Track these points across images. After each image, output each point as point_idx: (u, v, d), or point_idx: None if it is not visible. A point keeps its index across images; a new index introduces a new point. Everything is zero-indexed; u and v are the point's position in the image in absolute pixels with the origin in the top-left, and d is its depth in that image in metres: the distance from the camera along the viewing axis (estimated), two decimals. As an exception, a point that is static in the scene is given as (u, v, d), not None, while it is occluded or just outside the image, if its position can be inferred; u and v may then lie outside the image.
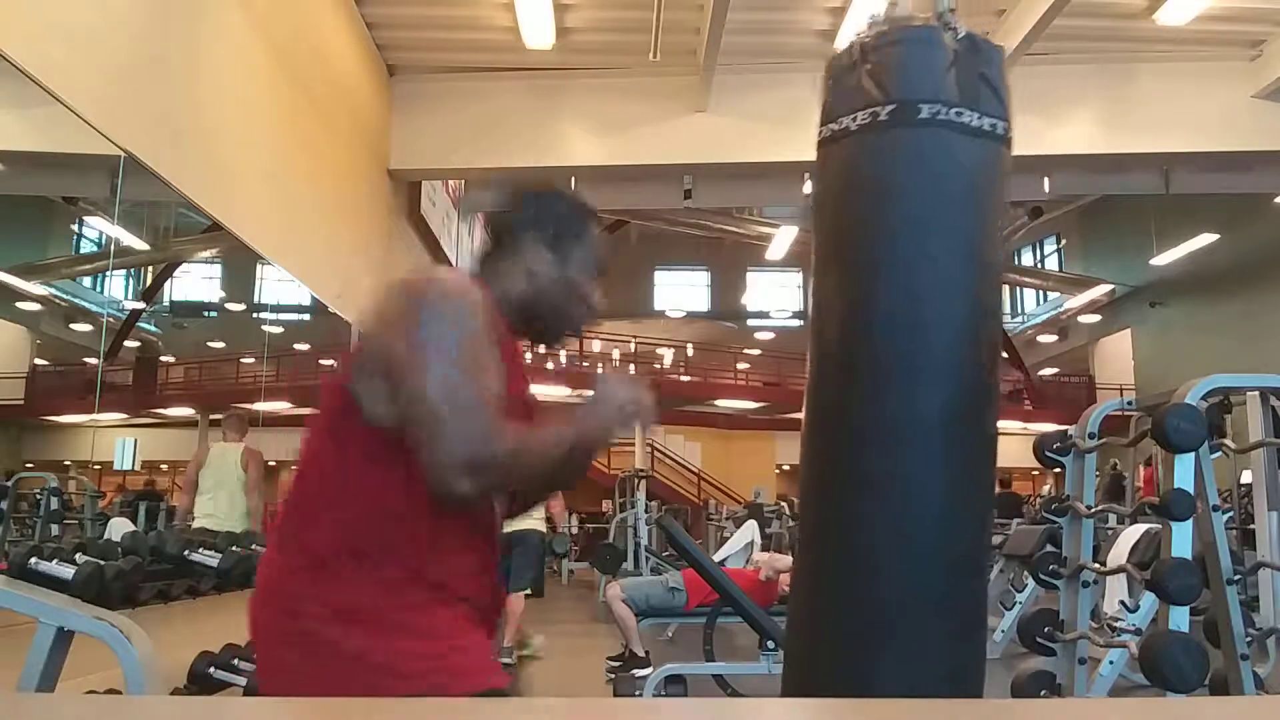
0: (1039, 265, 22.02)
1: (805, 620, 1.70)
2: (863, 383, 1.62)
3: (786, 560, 4.92)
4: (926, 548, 1.57)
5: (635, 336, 20.27)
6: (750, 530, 7.05)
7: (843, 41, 6.15)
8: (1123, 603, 3.69)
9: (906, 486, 1.57)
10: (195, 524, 4.07)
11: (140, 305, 6.02)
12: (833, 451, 1.69)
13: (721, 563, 5.63)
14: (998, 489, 14.33)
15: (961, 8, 1.71)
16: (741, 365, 21.62)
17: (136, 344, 6.15)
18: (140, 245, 4.92)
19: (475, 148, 7.01)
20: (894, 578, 1.56)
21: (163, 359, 7.20)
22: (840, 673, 1.58)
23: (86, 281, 5.34)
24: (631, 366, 19.75)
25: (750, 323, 23.20)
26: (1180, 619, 2.80)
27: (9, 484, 4.07)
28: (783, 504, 10.04)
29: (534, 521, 5.32)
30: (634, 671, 4.45)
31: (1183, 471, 2.93)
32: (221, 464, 4.46)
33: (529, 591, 5.38)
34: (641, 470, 11.32)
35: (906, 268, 1.63)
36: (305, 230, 5.33)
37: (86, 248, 5.22)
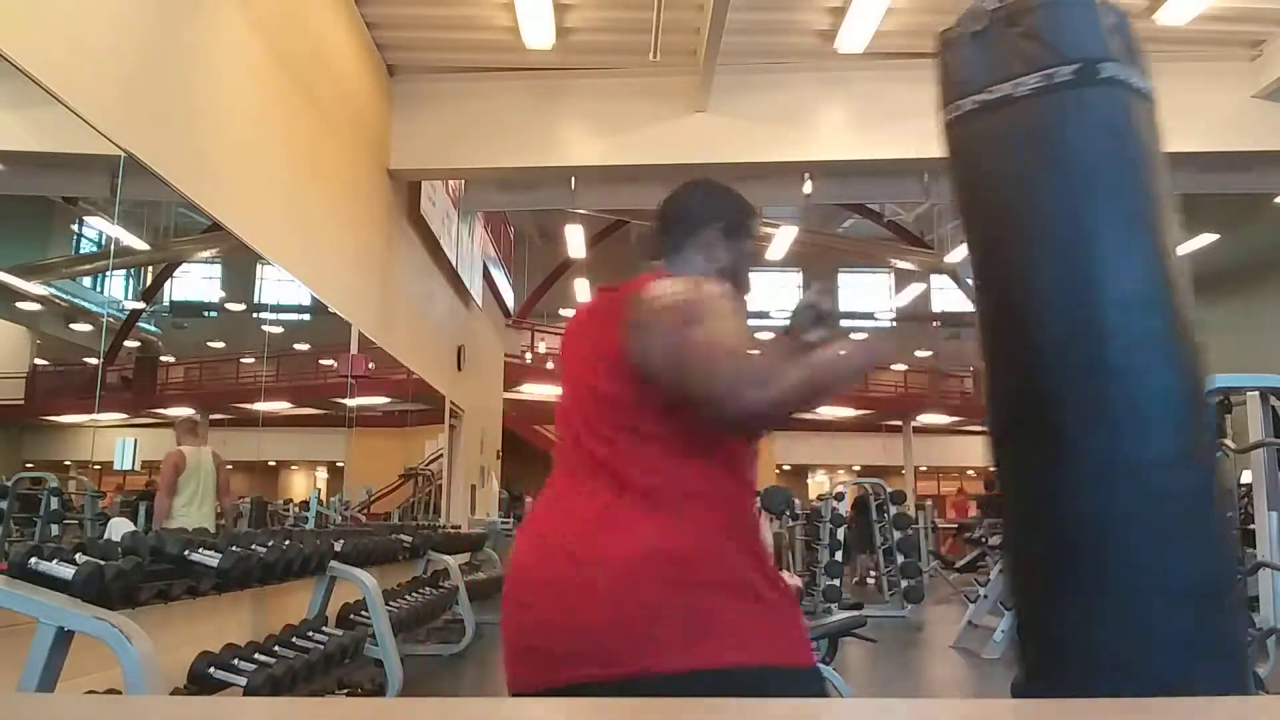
0: (1039, 265, 22.00)
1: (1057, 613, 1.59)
2: (1100, 362, 1.51)
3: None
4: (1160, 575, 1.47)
5: (635, 336, 20.18)
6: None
7: (842, 42, 6.17)
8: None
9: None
10: (173, 526, 4.12)
11: (140, 305, 6.01)
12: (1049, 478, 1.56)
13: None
14: (986, 491, 14.33)
15: (961, 8, 1.69)
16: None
17: (136, 344, 6.15)
18: (140, 245, 4.91)
19: (475, 148, 7.02)
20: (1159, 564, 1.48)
21: (163, 359, 7.20)
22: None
23: (86, 281, 5.33)
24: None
25: (750, 323, 23.13)
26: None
27: (9, 484, 4.08)
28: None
29: None
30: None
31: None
32: (198, 469, 4.54)
33: None
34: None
35: (1104, 236, 1.54)
36: (305, 230, 5.33)
37: (86, 248, 5.21)
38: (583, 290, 19.06)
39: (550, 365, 18.84)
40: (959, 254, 16.19)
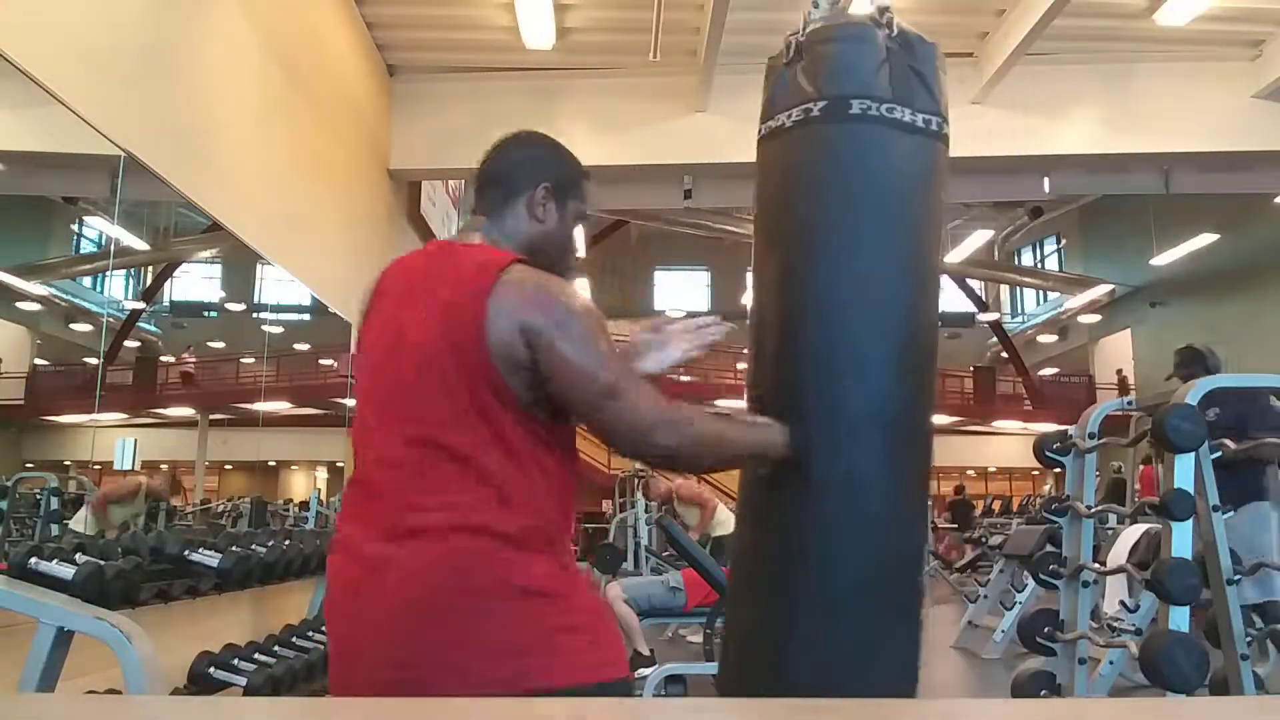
0: (1039, 265, 22.04)
1: (751, 609, 1.69)
2: (800, 377, 1.62)
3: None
4: (875, 543, 1.58)
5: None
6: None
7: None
8: (1123, 603, 3.70)
9: (851, 484, 1.57)
10: None
11: (140, 305, 6.02)
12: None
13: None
14: (955, 495, 14.35)
15: (961, 8, 1.71)
16: (741, 365, 21.60)
17: (136, 344, 6.15)
18: (140, 245, 4.91)
19: (475, 148, 6.88)
20: (845, 570, 1.57)
21: (163, 359, 7.20)
22: (786, 661, 1.59)
23: (86, 281, 5.34)
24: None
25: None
26: (1180, 619, 2.80)
27: (9, 484, 4.09)
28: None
29: None
30: (639, 671, 4.45)
31: (1183, 471, 2.93)
32: (129, 501, 4.49)
33: None
34: (641, 471, 11.32)
35: (838, 261, 1.64)
36: (305, 230, 5.33)
37: (86, 248, 5.22)
38: (583, 290, 19.07)
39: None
40: (959, 254, 16.21)
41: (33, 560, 2.29)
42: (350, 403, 7.01)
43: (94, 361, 4.40)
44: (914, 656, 1.60)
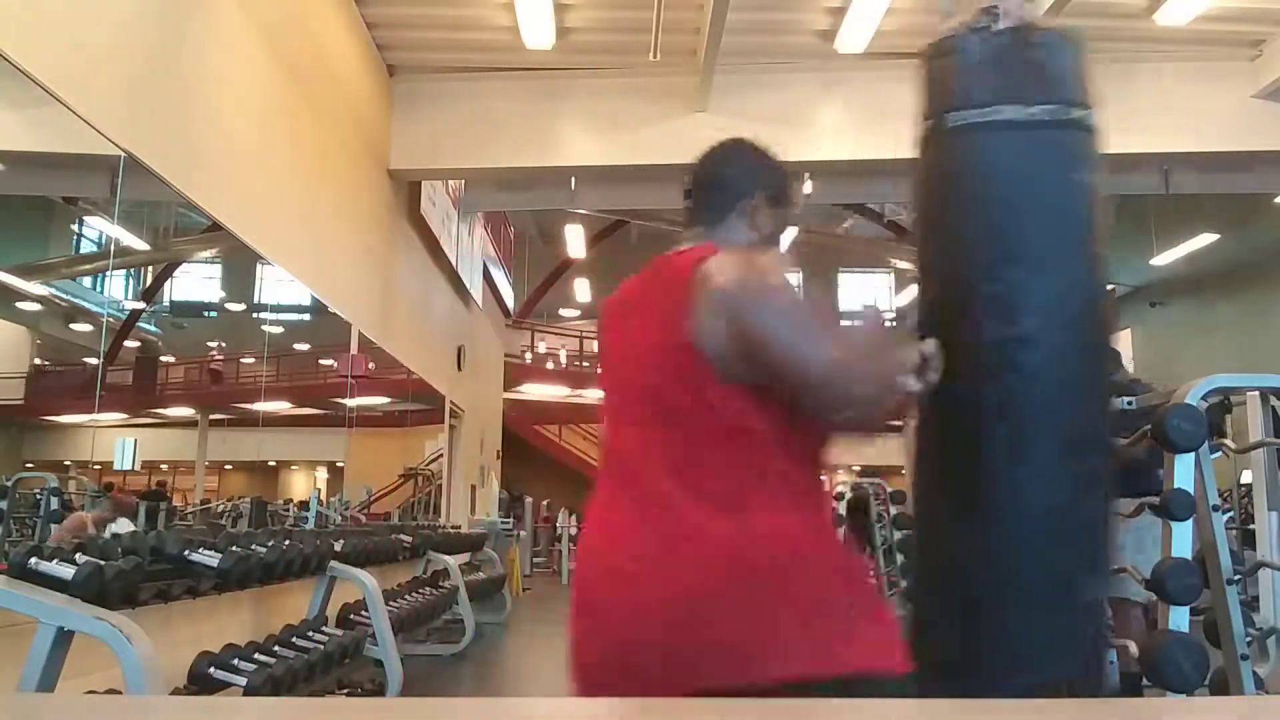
0: (1039, 265, 22.03)
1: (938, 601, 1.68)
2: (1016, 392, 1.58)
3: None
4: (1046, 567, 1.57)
5: (635, 336, 20.18)
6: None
7: (842, 42, 6.17)
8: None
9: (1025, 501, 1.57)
10: None
11: (140, 305, 6.01)
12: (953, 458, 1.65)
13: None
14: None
15: (960, 8, 1.70)
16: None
17: (136, 344, 6.15)
18: (140, 245, 4.91)
19: (475, 148, 7.02)
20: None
21: (163, 359, 7.20)
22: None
23: (86, 281, 5.33)
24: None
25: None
26: (1180, 619, 2.79)
27: (9, 484, 4.09)
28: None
29: None
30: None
31: (1183, 471, 2.93)
32: (83, 533, 4.46)
33: None
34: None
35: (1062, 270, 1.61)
36: (305, 230, 5.33)
37: (86, 248, 5.21)
38: (583, 290, 19.07)
39: (550, 365, 18.85)
40: (959, 254, 16.21)
41: (33, 560, 2.29)
42: (351, 403, 7.01)
43: (94, 361, 4.40)
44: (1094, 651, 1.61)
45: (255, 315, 8.61)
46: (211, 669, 2.92)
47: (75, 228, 5.20)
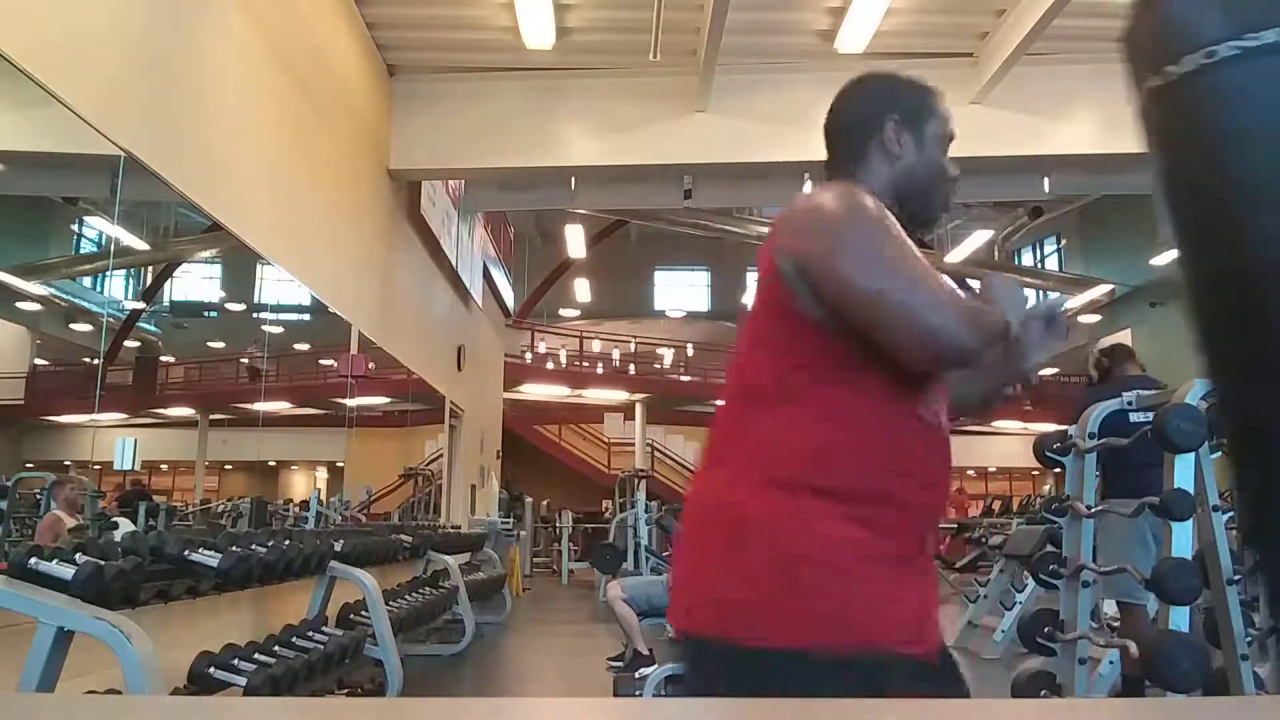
0: (1039, 265, 22.03)
1: None
2: None
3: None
4: None
5: (635, 337, 20.26)
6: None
7: (842, 42, 6.16)
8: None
9: None
10: None
11: (140, 305, 6.01)
12: None
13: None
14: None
15: (961, 8, 1.69)
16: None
17: (136, 344, 6.15)
18: (140, 245, 4.91)
19: (475, 148, 7.02)
20: None
21: (163, 359, 7.20)
22: None
23: (86, 281, 5.34)
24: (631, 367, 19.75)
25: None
26: (1180, 619, 2.80)
27: (9, 484, 4.08)
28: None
29: None
30: (640, 670, 4.46)
31: (1183, 471, 2.93)
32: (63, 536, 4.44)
33: None
34: (641, 470, 11.33)
35: None
36: (305, 230, 5.33)
37: (86, 248, 5.21)
38: (583, 290, 19.07)
39: (550, 365, 18.84)
40: (959, 253, 16.19)
41: (33, 560, 2.29)
42: (351, 403, 7.00)
43: (94, 361, 4.39)
44: None
45: (255, 315, 8.60)
46: (211, 669, 2.92)
47: (75, 228, 5.21)
